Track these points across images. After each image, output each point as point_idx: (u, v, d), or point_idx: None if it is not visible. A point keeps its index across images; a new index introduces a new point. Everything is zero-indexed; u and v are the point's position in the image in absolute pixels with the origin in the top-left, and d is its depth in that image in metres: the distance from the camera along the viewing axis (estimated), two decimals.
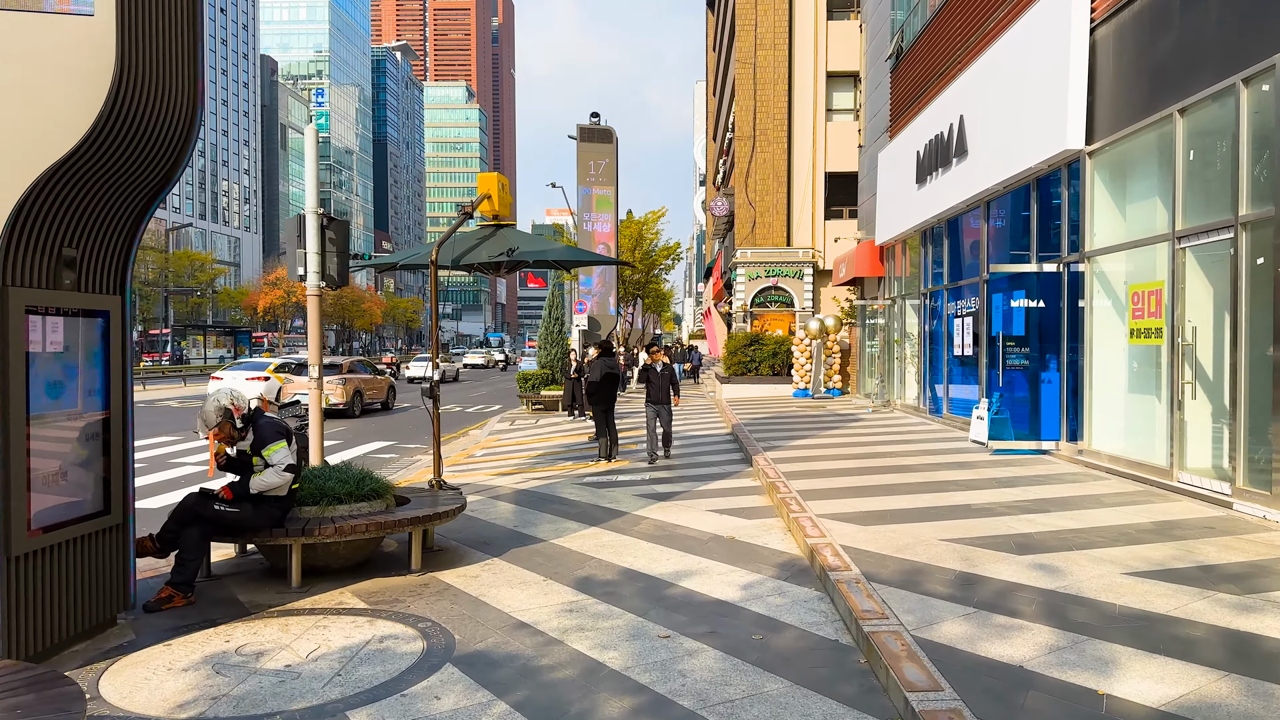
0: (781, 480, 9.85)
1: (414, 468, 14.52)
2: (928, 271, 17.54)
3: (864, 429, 15.61)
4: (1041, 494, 8.84)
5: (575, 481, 11.31)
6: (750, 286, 35.18)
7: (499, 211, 11.67)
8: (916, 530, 7.26)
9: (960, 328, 15.32)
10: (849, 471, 10.59)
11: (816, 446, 13.17)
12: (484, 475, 12.64)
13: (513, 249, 10.62)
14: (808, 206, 35.50)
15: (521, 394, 24.27)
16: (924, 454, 12.03)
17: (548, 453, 15.18)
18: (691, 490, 10.22)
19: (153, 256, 73.67)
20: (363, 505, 6.68)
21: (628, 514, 8.90)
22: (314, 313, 9.78)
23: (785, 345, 25.42)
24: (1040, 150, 11.61)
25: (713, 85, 62.29)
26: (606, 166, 38.00)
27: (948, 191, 15.34)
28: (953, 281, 16.02)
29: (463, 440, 19.16)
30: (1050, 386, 12.26)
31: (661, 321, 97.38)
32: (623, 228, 51.91)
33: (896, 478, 10.01)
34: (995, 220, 14.25)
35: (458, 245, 11.16)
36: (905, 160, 18.09)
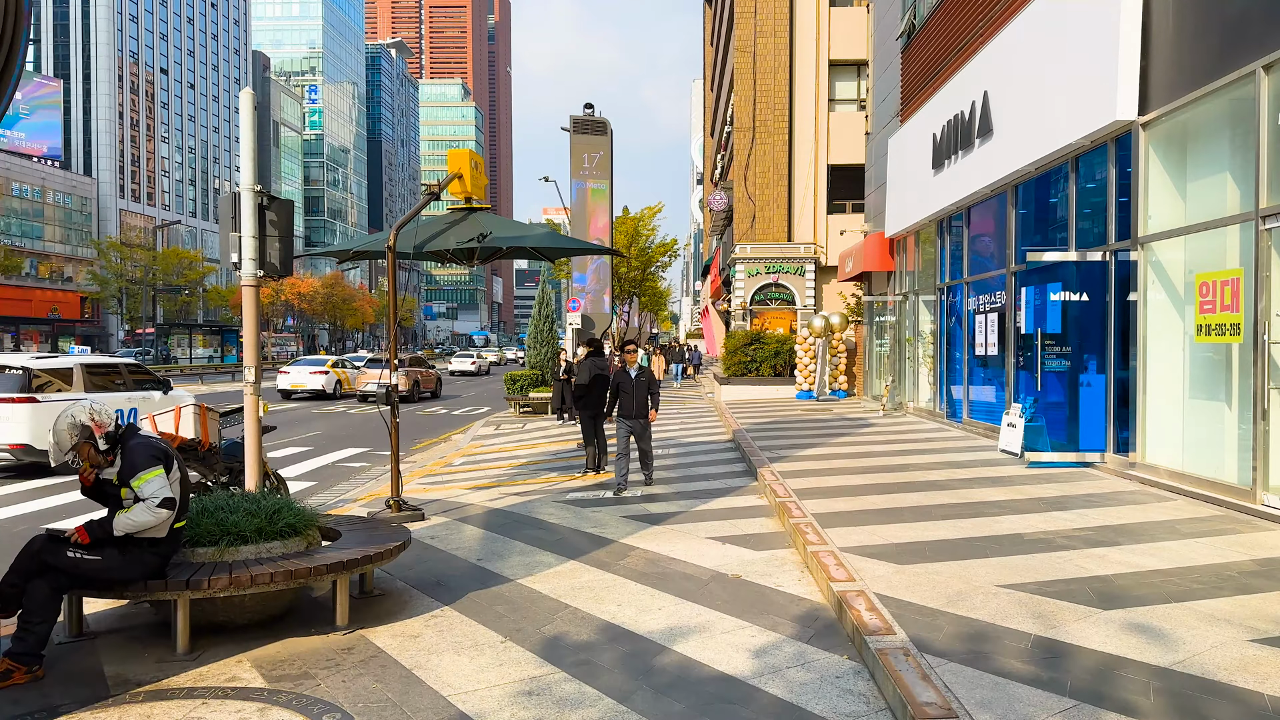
0: (793, 500, 8.50)
1: (383, 479, 13.17)
2: (945, 264, 16.20)
3: (877, 436, 14.27)
4: (1102, 519, 7.50)
5: (557, 498, 9.95)
6: (750, 283, 33.84)
7: (472, 193, 10.32)
8: (966, 571, 5.91)
9: (983, 325, 13.99)
10: (869, 489, 9.24)
11: (828, 457, 11.82)
12: (458, 489, 11.30)
13: (484, 234, 9.27)
14: (809, 200, 34.16)
15: (509, 396, 22.91)
16: (951, 466, 10.68)
17: (531, 461, 13.84)
18: (689, 510, 8.87)
19: (140, 254, 72.23)
20: (275, 545, 5.32)
21: (614, 542, 7.55)
22: (249, 307, 8.39)
23: (787, 344, 24.10)
24: (1082, 124, 10.27)
25: (710, 80, 60.95)
26: (601, 159, 36.69)
27: (969, 176, 14.00)
28: (974, 274, 14.68)
29: (443, 446, 17.82)
30: (1092, 390, 10.91)
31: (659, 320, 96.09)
32: (618, 224, 50.57)
33: (926, 497, 8.66)
34: (1025, 206, 12.90)
35: (422, 231, 9.81)
36: (919, 144, 16.75)
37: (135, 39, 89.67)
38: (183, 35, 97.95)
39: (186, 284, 75.14)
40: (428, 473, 13.50)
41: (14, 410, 12.42)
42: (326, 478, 13.85)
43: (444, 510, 9.43)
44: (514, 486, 11.13)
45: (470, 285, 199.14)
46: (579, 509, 9.20)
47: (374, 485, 12.23)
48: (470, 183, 10.21)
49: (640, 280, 53.19)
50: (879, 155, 20.98)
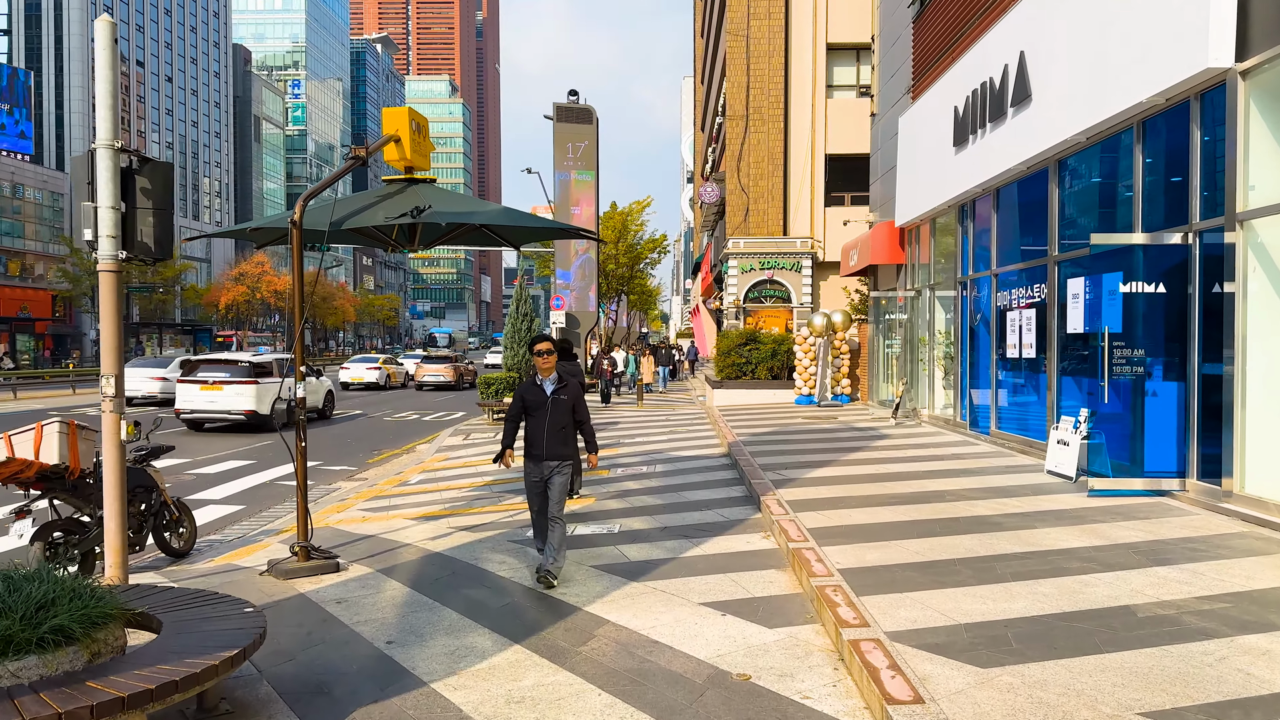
0: (810, 545, 6.63)
1: (325, 502, 11.27)
2: (967, 255, 14.36)
3: (895, 451, 12.41)
4: (1225, 579, 5.64)
5: (515, 536, 8.06)
6: (743, 280, 31.98)
7: (413, 161, 8.40)
8: (1079, 679, 4.04)
9: (1016, 323, 12.15)
10: (904, 528, 7.36)
11: (842, 480, 9.95)
12: (401, 518, 9.43)
13: (421, 207, 7.36)
14: (806, 192, 32.32)
15: (482, 401, 20.99)
16: (995, 494, 8.81)
17: (497, 480, 11.96)
18: (677, 558, 6.98)
19: None
20: (30, 663, 3.40)
21: (577, 611, 5.66)
22: (108, 297, 6.48)
23: (785, 345, 22.27)
24: (1157, 78, 8.42)
25: (701, 73, 59.07)
26: (586, 149, 34.84)
27: (1000, 151, 12.15)
28: (1004, 265, 12.84)
29: (405, 458, 15.91)
30: (1160, 401, 9.08)
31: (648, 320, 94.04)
32: (605, 219, 48.67)
33: (980, 542, 6.78)
34: (1071, 183, 11.07)
35: (344, 206, 7.91)
36: (936, 121, 14.90)
37: (110, 8, 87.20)
38: (160, 27, 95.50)
39: (161, 282, 72.86)
40: (377, 493, 11.64)
41: (246, 388, 19.12)
42: (261, 499, 11.97)
43: (370, 554, 7.53)
44: (468, 516, 9.24)
45: (458, 284, 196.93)
46: (539, 555, 7.30)
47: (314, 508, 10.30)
48: (411, 148, 8.31)
49: (629, 277, 51.30)
50: (886, 138, 19.14)
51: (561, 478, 6.51)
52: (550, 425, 6.48)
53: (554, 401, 6.52)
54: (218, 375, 19.19)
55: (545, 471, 6.49)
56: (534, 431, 6.53)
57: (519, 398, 6.63)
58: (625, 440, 15.72)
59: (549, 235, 9.89)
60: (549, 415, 6.49)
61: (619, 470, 12.20)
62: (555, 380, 6.60)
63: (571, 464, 6.63)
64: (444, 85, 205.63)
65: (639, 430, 17.40)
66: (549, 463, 6.48)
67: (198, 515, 10.81)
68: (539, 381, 6.61)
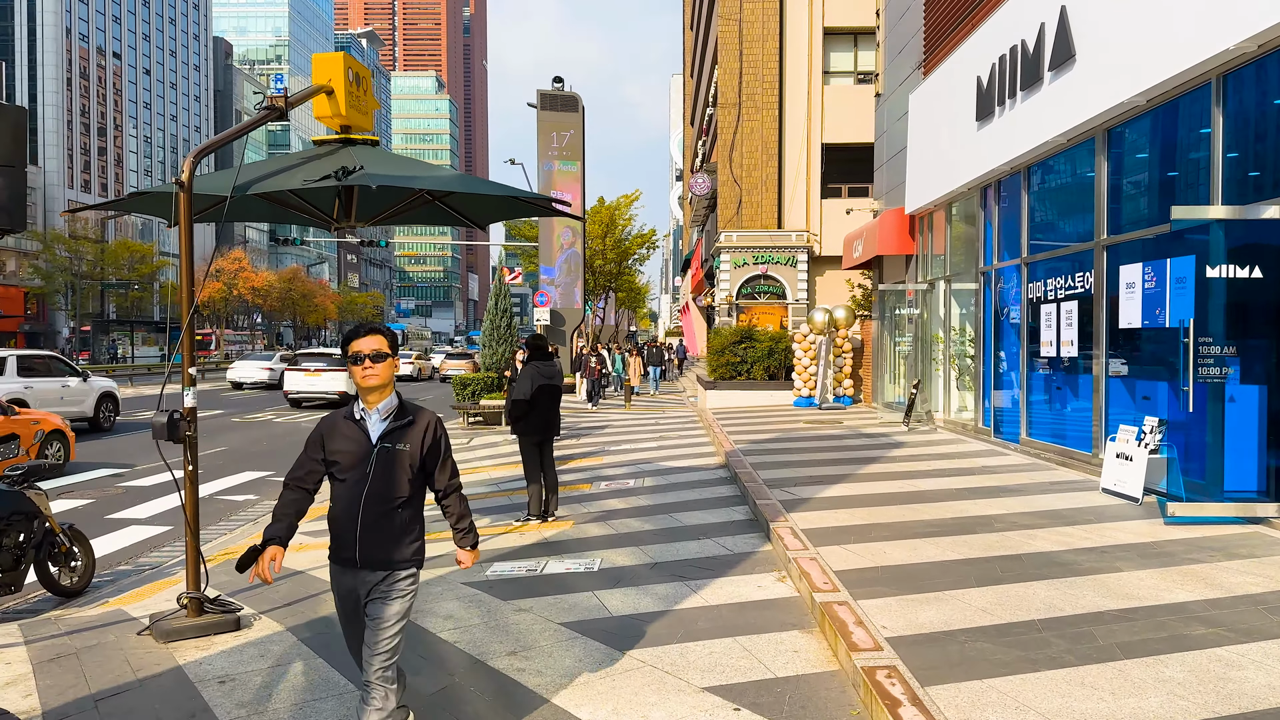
0: (843, 599, 5.15)
1: (262, 519, 9.73)
2: (990, 242, 12.92)
3: (917, 463, 10.94)
4: None
5: (473, 575, 6.56)
6: (736, 275, 30.50)
7: (350, 119, 6.87)
8: None
9: (1052, 317, 10.71)
10: (959, 571, 5.89)
11: (866, 500, 8.47)
12: None
13: (347, 169, 5.84)
14: (802, 183, 30.88)
15: (457, 403, 19.45)
16: (1052, 521, 7.35)
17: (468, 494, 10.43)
18: (671, 612, 5.49)
19: (87, 247, 67.95)
20: None
21: (539, 707, 4.17)
22: None
23: (783, 343, 20.82)
24: (1251, 18, 6.98)
25: (691, 67, 57.55)
26: (572, 139, 33.37)
27: (1035, 123, 10.71)
28: (1038, 252, 11.40)
29: None
30: (1241, 407, 7.68)
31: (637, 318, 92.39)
32: (593, 213, 47.16)
33: (1060, 592, 5.31)
34: (1125, 155, 9.62)
35: (259, 169, 6.39)
36: (954, 95, 13.47)
37: (85, 20, 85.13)
38: (137, 19, 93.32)
39: (138, 279, 70.87)
40: (320, 513, 10.11)
41: (339, 374, 24.15)
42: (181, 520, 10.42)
43: (288, 601, 6.02)
44: None
45: (445, 282, 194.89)
46: (497, 604, 5.80)
47: (238, 535, 8.74)
48: (346, 102, 6.80)
49: (616, 274, 49.79)
50: (893, 119, 17.70)
51: (397, 604, 3.50)
52: (370, 498, 3.45)
53: (381, 454, 3.48)
54: (317, 365, 25.08)
55: (362, 588, 3.53)
56: (342, 509, 3.49)
57: (317, 441, 3.58)
58: (610, 448, 14.23)
59: (518, 213, 8.38)
60: (371, 479, 3.46)
61: (602, 485, 10.71)
62: (392, 412, 3.55)
63: (413, 575, 3.59)
64: (431, 82, 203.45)
65: (626, 436, 15.91)
66: (365, 573, 3.50)
67: (117, 537, 9.32)
68: (357, 415, 3.55)
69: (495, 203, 7.83)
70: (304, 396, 25.05)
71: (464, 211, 8.03)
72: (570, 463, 12.85)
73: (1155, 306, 8.45)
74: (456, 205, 7.89)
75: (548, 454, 8.84)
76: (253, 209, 7.66)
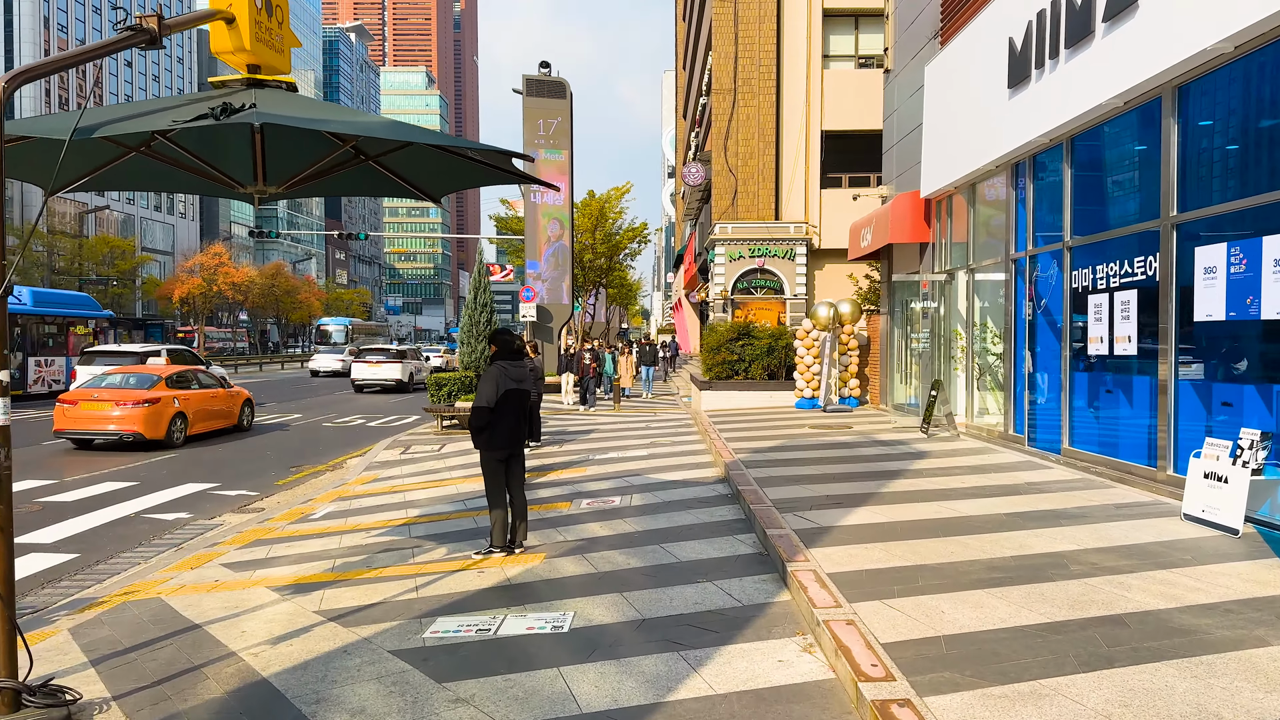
0: (905, 697, 3.68)
1: (191, 547, 8.21)
2: (1023, 225, 11.47)
3: (946, 476, 9.48)
4: None
5: (405, 640, 5.06)
6: (731, 269, 29.02)
7: (257, 55, 5.36)
8: None
9: (1102, 309, 9.26)
10: (1046, 640, 4.41)
11: (901, 529, 6.99)
12: (263, 585, 6.56)
13: (229, 105, 4.35)
14: (800, 173, 29.41)
15: (431, 406, 17.93)
16: (1140, 562, 5.88)
17: (424, 516, 9.03)
18: (663, 706, 4.00)
19: (64, 242, 66.12)
20: None
21: None
22: None
23: (784, 340, 19.35)
24: None
25: (683, 58, 56.02)
26: (559, 126, 31.88)
27: (1084, 84, 9.25)
28: (1083, 235, 9.94)
29: (328, 477, 12.90)
30: None
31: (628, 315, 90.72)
32: (582, 206, 45.61)
33: (1200, 680, 3.85)
34: (1203, 115, 8.16)
35: (117, 111, 4.87)
36: (979, 63, 12.02)
37: (64, 11, 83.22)
38: (118, 10, 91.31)
39: (117, 275, 69.03)
40: (262, 534, 8.69)
41: (395, 365, 30.69)
42: (108, 541, 8.99)
43: (155, 680, 4.53)
44: (356, 586, 6.28)
45: (435, 279, 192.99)
46: (428, 689, 4.30)
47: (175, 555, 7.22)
48: (252, 33, 5.33)
49: (607, 269, 48.23)
50: (905, 97, 16.24)
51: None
52: None
53: None
54: (378, 358, 31.47)
55: None
56: None
57: None
58: (596, 456, 12.75)
59: (476, 180, 6.86)
60: None
61: (584, 504, 9.24)
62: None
63: None
64: (421, 77, 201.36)
65: (613, 441, 14.42)
66: None
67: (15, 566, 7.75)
68: None
69: (444, 165, 6.33)
70: (366, 383, 31.01)
71: (408, 177, 6.52)
72: (549, 474, 11.37)
73: (1246, 294, 7.00)
74: (397, 168, 6.38)
75: (516, 472, 7.36)
76: (136, 173, 6.13)
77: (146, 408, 14.93)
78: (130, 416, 14.76)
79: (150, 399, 15.09)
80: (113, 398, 14.94)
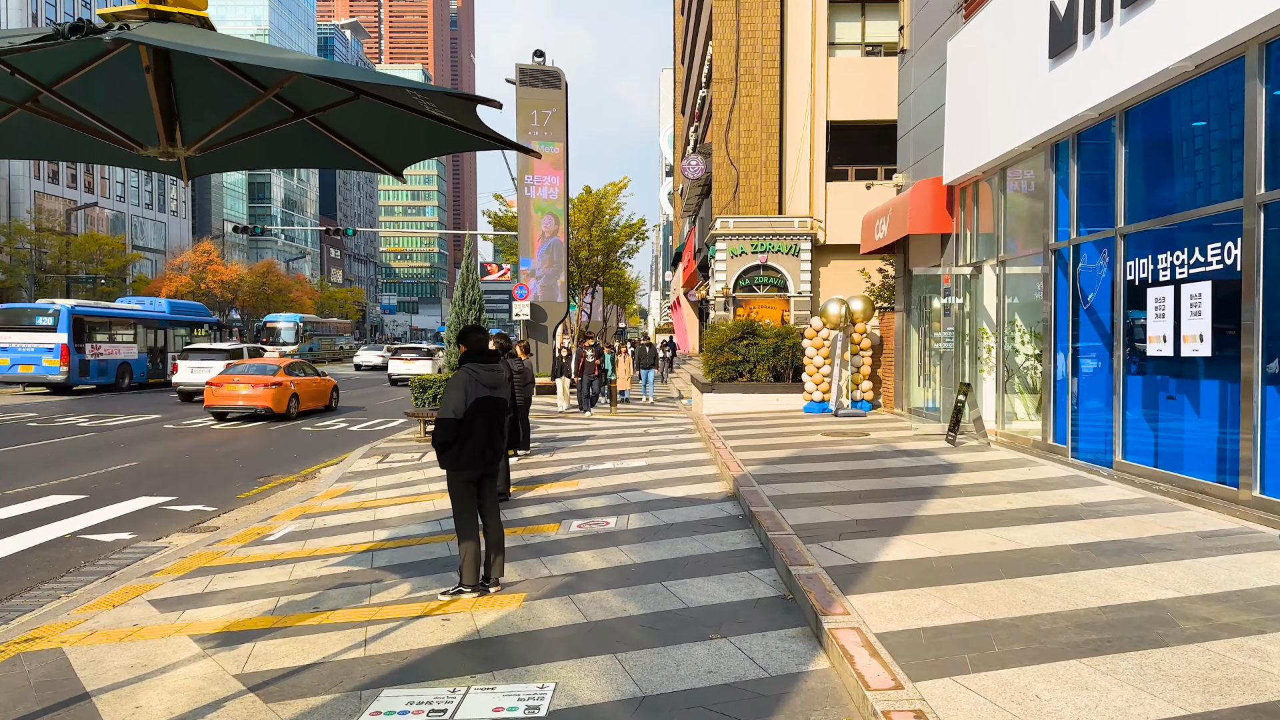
0: None
1: (124, 576, 7.04)
2: (1065, 211, 10.30)
3: (989, 495, 8.31)
4: None
5: None
6: (733, 265, 27.87)
7: None
8: None
9: (1166, 304, 8.10)
10: None
11: (952, 568, 5.83)
12: (187, 634, 5.57)
13: (82, 23, 3.16)
14: (804, 165, 28.26)
15: (415, 410, 16.77)
16: (1265, 616, 4.72)
17: (392, 540, 7.91)
18: None
19: (52, 240, 64.82)
20: None
21: None
22: None
23: (791, 339, 18.19)
24: None
25: (682, 53, 54.86)
26: (554, 117, 30.66)
27: (1146, 47, 8.10)
28: (1141, 220, 8.78)
29: (296, 489, 11.76)
30: None
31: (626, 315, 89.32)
32: (578, 203, 44.39)
33: None
34: None
35: None
36: (1014, 32, 10.87)
37: (53, 5, 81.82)
38: (109, 3, 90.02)
39: (106, 273, 67.71)
40: (208, 560, 7.62)
41: (425, 361, 34.79)
42: (32, 569, 7.83)
43: None
44: (294, 639, 5.18)
45: (431, 278, 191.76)
46: None
47: (62, 607, 6.03)
48: None
49: (604, 266, 46.99)
50: (923, 77, 15.09)
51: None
52: None
53: None
54: (411, 355, 35.91)
55: None
56: None
57: None
58: (590, 466, 11.59)
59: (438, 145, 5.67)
60: None
61: (574, 526, 8.08)
62: None
63: None
64: (417, 75, 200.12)
65: (609, 449, 13.26)
66: None
67: None
68: None
69: (401, 126, 5.14)
70: (402, 377, 33.95)
71: (359, 143, 5.34)
72: (537, 488, 10.21)
73: None
74: (344, 131, 5.21)
75: (489, 496, 6.19)
76: (22, 134, 4.94)
77: (274, 389, 19.67)
78: (261, 395, 19.42)
79: (275, 383, 19.83)
80: (248, 381, 19.61)
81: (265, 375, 19.96)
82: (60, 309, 28.40)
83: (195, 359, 26.07)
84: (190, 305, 38.23)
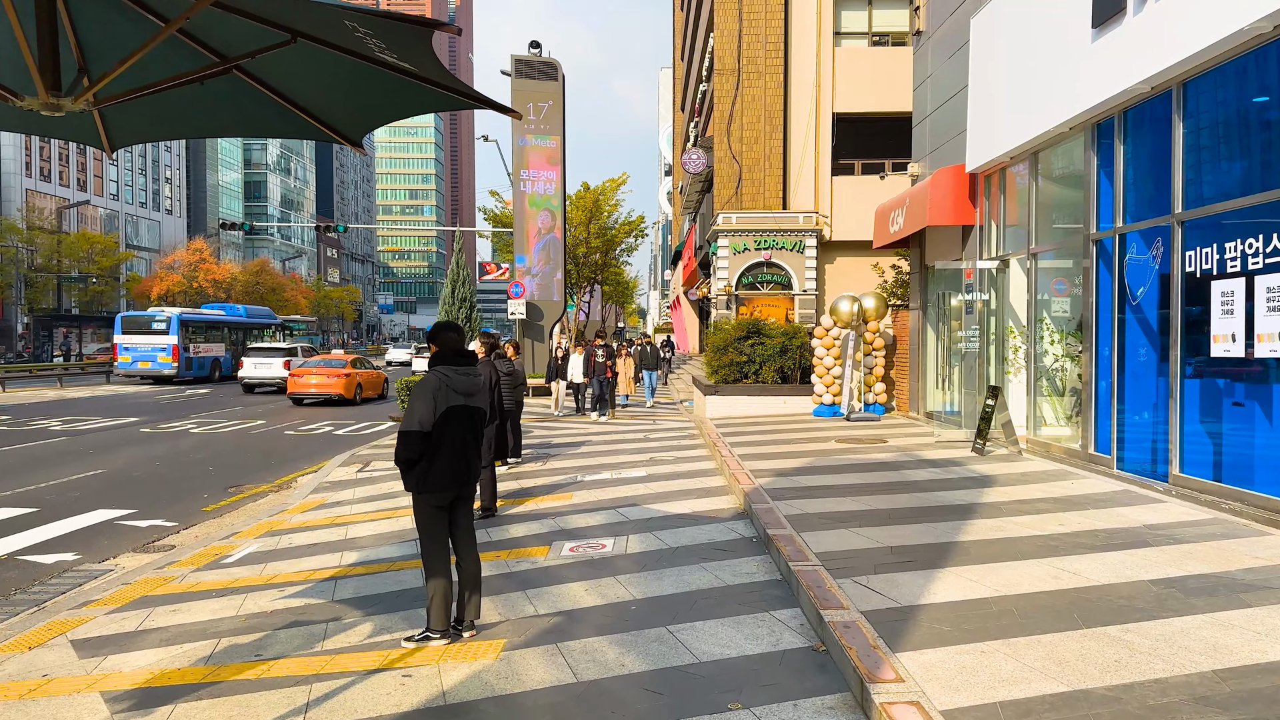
0: None
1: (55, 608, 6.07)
2: (1109, 198, 9.35)
3: (1035, 515, 7.36)
4: None
5: None
6: (735, 262, 26.91)
7: None
8: None
9: (1235, 299, 7.15)
10: None
11: (1017, 616, 4.87)
12: (100, 690, 4.76)
13: None
14: (809, 159, 27.32)
15: (398, 415, 15.79)
16: None
17: (361, 565, 6.96)
18: None
19: (43, 238, 63.79)
20: None
21: None
22: None
23: (799, 339, 17.23)
24: None
25: (681, 49, 53.87)
26: (550, 110, 29.72)
27: (1213, 10, 7.15)
28: (1202, 205, 7.83)
29: (269, 500, 10.86)
30: None
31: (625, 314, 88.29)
32: (576, 199, 43.43)
33: None
34: None
35: None
36: (1052, 3, 9.92)
37: None
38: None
39: (99, 272, 66.65)
40: (153, 588, 6.78)
41: None
42: None
43: None
44: (229, 696, 4.28)
45: (429, 278, 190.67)
46: None
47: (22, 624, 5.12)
48: None
49: (602, 265, 46.03)
50: (941, 60, 14.14)
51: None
52: None
53: None
54: None
55: None
56: None
57: None
58: (585, 477, 10.63)
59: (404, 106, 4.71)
60: None
61: (566, 548, 7.14)
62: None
63: None
64: None
65: (606, 458, 12.30)
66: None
67: None
68: None
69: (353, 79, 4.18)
70: None
71: (304, 104, 4.38)
72: (527, 502, 9.26)
73: None
74: (284, 88, 4.25)
75: (463, 522, 5.24)
76: None
77: (345, 379, 24.33)
78: (334, 384, 24.09)
79: (345, 374, 24.50)
80: (323, 372, 24.33)
81: (336, 368, 24.67)
82: (171, 316, 33.77)
83: (256, 356, 29.91)
84: (259, 310, 44.17)
